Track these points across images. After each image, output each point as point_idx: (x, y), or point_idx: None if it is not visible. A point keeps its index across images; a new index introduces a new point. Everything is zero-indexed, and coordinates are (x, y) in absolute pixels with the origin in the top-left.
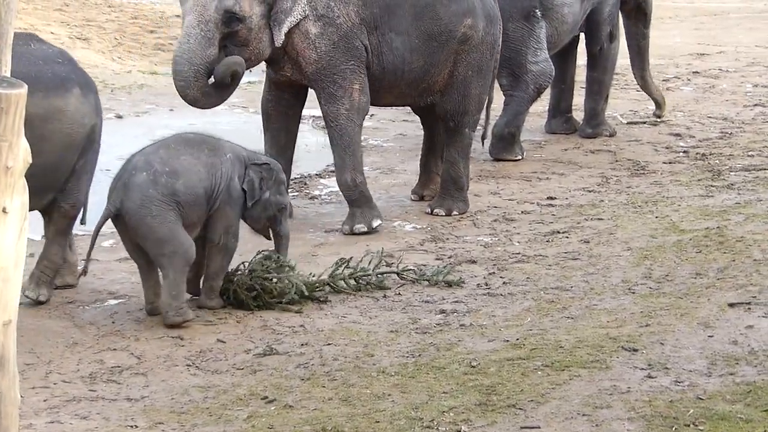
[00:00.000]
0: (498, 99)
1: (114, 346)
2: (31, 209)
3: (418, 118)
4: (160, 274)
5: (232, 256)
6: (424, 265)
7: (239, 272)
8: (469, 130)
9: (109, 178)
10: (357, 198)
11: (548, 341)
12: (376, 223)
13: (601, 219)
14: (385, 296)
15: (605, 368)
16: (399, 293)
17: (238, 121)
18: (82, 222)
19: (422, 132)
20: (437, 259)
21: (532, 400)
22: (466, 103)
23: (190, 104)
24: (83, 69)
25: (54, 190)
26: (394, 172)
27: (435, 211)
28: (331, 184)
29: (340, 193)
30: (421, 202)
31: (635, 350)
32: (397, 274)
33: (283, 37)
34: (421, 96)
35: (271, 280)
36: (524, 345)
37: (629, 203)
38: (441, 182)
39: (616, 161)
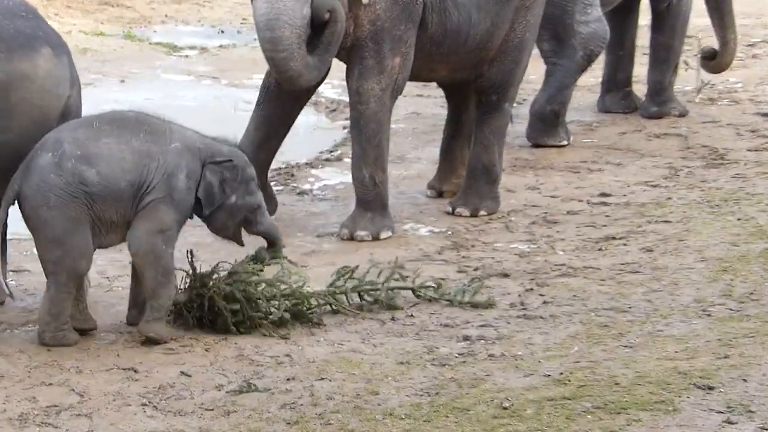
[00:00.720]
0: (538, 68)
1: (50, 380)
2: None
3: (435, 93)
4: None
5: (169, 268)
6: (443, 279)
7: (215, 275)
8: (509, 106)
9: None
10: (372, 200)
11: (600, 376)
12: (384, 234)
13: (669, 222)
14: (393, 318)
15: (673, 411)
16: (411, 314)
17: (207, 96)
18: None
19: (440, 110)
20: (459, 271)
21: None
22: (515, 73)
23: (287, 82)
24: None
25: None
26: (406, 161)
27: (458, 210)
28: (325, 175)
29: (339, 189)
30: (440, 199)
31: (711, 388)
32: (412, 290)
33: None
34: (475, 67)
35: (257, 286)
36: (570, 381)
37: (704, 201)
38: (468, 172)
39: (688, 148)
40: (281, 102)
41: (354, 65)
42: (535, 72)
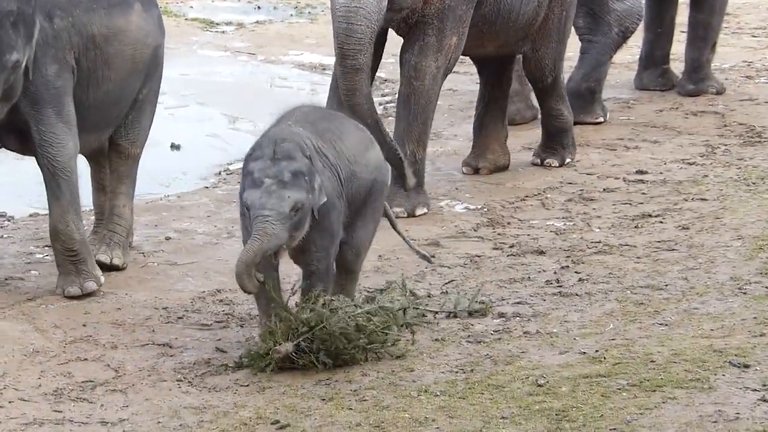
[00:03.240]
0: (573, 46)
1: (85, 355)
2: (82, 151)
3: (471, 70)
4: None
5: None
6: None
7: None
8: (563, 74)
9: None
10: None
11: (636, 354)
12: (420, 211)
13: (705, 199)
14: (429, 295)
15: (708, 389)
16: (446, 291)
17: (243, 72)
18: None
19: (476, 87)
20: (495, 248)
21: (614, 429)
22: (560, 50)
23: (349, 74)
24: None
25: (113, 125)
26: (442, 138)
27: (547, 161)
28: None
29: None
30: (476, 176)
31: (746, 366)
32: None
33: None
34: (518, 43)
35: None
36: (605, 359)
37: (741, 180)
38: (547, 135)
39: (725, 126)
40: None
41: (414, 41)
42: (570, 49)
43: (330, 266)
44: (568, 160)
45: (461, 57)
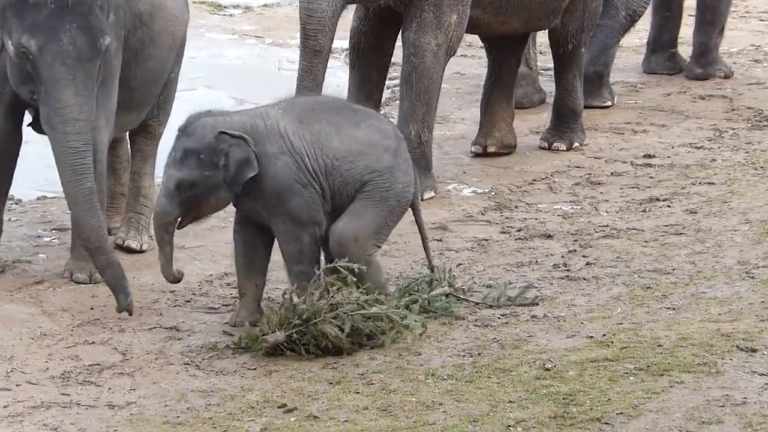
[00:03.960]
0: None
1: (92, 338)
2: (121, 132)
3: (478, 53)
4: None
5: None
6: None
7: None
8: (585, 50)
9: None
10: (416, 158)
11: (643, 338)
12: (427, 194)
13: (713, 183)
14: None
15: (715, 373)
16: (454, 275)
17: (251, 55)
18: None
19: (484, 70)
20: (503, 232)
21: (621, 413)
22: (586, 18)
23: (309, 53)
24: None
25: (151, 103)
26: (449, 121)
27: (554, 145)
28: None
29: None
30: (484, 158)
31: (754, 351)
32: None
33: None
34: (546, 18)
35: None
36: (612, 343)
37: (748, 164)
38: (556, 114)
39: (733, 110)
40: (373, 56)
41: (412, 18)
42: None
43: (304, 251)
44: (576, 144)
45: (476, 41)
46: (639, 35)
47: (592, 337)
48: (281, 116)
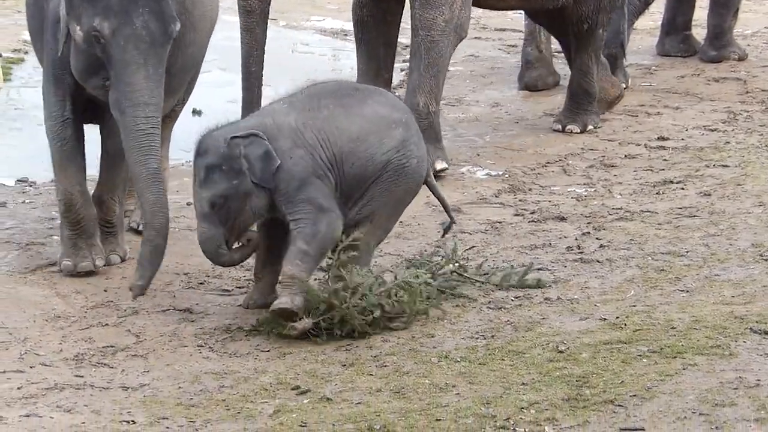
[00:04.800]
0: None
1: (106, 320)
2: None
3: (493, 36)
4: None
5: None
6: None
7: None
8: (603, 31)
9: None
10: (425, 129)
11: (656, 321)
12: (440, 165)
13: (727, 166)
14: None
15: (729, 355)
16: (467, 258)
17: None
18: None
19: (498, 53)
20: (516, 215)
21: (634, 395)
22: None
23: (244, 14)
24: None
25: (184, 88)
26: (463, 104)
27: (568, 127)
28: None
29: None
30: (497, 142)
31: (767, 333)
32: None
33: None
34: None
35: (395, 298)
36: (625, 325)
37: (762, 146)
38: (570, 95)
39: (747, 92)
40: (379, 30)
41: None
42: None
43: (316, 235)
44: (590, 126)
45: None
46: (653, 17)
47: (605, 319)
48: (287, 110)
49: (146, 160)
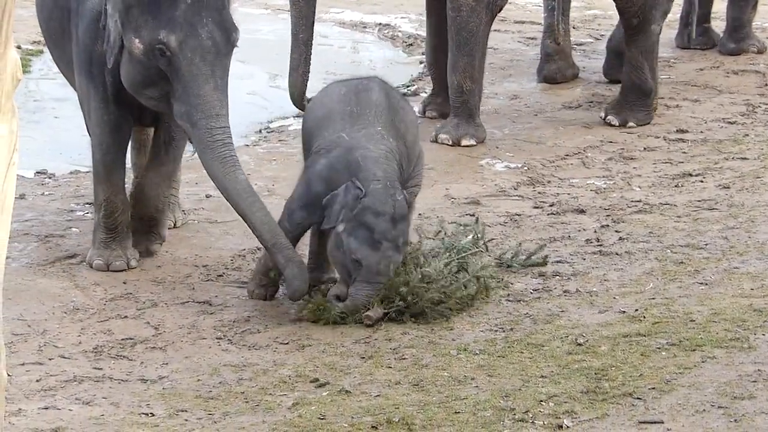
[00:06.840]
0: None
1: (125, 313)
2: None
3: (512, 28)
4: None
5: None
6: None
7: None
8: (656, 26)
9: None
10: (458, 106)
11: (675, 313)
12: (466, 141)
13: (746, 158)
14: (486, 248)
15: (748, 348)
16: (486, 249)
17: (284, 30)
18: None
19: (517, 45)
20: (535, 207)
21: (653, 388)
22: None
23: None
24: None
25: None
26: (482, 96)
27: (608, 118)
28: None
29: None
30: (516, 134)
31: None
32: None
33: None
34: None
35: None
36: (644, 318)
37: None
38: (622, 87)
39: (766, 85)
40: (442, 3)
41: None
42: (611, 8)
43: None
44: (630, 123)
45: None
46: (673, 10)
47: (624, 312)
48: (387, 146)
49: (234, 172)
